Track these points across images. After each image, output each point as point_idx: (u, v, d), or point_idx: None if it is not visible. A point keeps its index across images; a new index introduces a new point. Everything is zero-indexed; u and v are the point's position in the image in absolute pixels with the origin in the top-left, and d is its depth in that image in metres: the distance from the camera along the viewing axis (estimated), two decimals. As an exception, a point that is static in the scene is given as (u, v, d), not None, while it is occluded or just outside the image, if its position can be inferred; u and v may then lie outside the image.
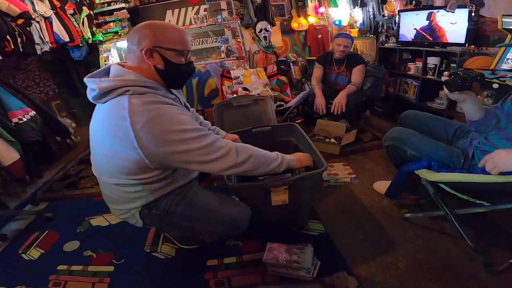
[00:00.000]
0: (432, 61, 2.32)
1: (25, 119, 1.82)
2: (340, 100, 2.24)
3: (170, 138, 0.87)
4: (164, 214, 1.07)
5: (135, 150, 0.87)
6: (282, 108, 2.24)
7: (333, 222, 1.52)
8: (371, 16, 3.41)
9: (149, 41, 0.92)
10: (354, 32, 3.67)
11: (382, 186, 1.72)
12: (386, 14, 3.11)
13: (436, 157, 1.24)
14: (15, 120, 1.79)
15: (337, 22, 3.78)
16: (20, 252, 1.54)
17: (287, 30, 4.01)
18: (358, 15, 3.65)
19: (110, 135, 0.91)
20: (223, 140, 0.99)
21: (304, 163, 1.20)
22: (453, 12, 2.19)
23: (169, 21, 3.75)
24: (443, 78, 1.09)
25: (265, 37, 2.74)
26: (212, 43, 3.52)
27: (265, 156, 1.07)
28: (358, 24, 3.68)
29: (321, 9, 3.86)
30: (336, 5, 3.80)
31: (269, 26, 2.78)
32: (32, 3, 2.45)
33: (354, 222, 1.51)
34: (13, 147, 1.71)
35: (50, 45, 2.61)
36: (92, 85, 0.92)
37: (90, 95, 0.95)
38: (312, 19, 3.90)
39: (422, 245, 1.30)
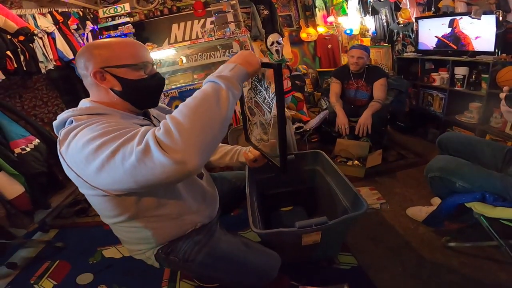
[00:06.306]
0: (460, 71, 2.18)
1: (28, 149, 1.67)
2: (365, 121, 2.07)
3: (83, 154, 0.64)
4: (183, 262, 0.96)
5: (79, 180, 0.69)
6: (302, 130, 2.09)
7: (366, 254, 1.41)
8: (384, 24, 3.31)
9: (95, 62, 0.78)
10: (366, 41, 3.57)
11: (417, 212, 1.60)
12: (401, 22, 3.01)
13: (490, 189, 1.11)
14: (17, 150, 1.63)
15: (348, 31, 3.67)
16: (32, 282, 1.50)
17: (296, 41, 3.91)
18: (370, 23, 3.56)
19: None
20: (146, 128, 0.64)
21: (254, 65, 0.77)
22: (479, 19, 2.07)
23: (175, 35, 3.69)
24: (502, 94, 1.02)
25: (277, 51, 2.62)
26: (220, 57, 3.43)
27: (198, 103, 0.62)
28: (370, 33, 3.58)
29: (330, 18, 3.76)
30: (345, 14, 3.71)
31: (281, 38, 2.66)
32: (34, 18, 2.35)
33: (390, 252, 1.40)
34: (16, 180, 1.58)
35: (54, 63, 2.51)
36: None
37: None
38: (321, 29, 3.80)
39: (469, 274, 1.22)
